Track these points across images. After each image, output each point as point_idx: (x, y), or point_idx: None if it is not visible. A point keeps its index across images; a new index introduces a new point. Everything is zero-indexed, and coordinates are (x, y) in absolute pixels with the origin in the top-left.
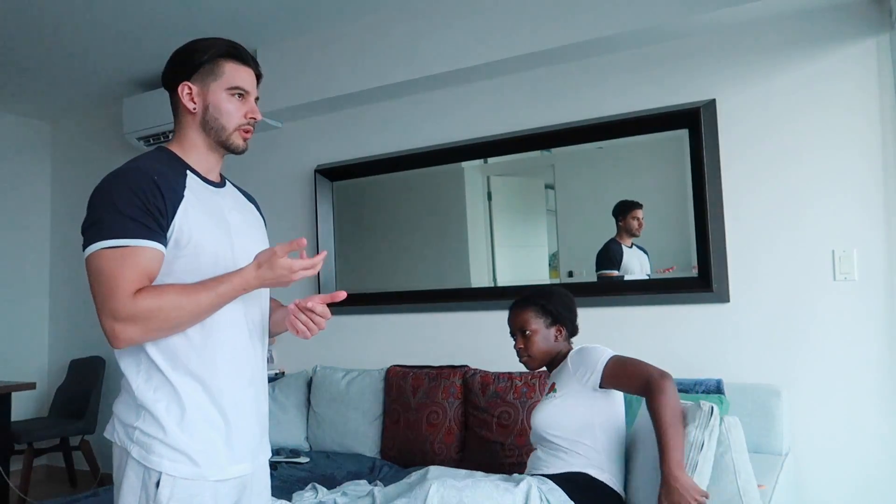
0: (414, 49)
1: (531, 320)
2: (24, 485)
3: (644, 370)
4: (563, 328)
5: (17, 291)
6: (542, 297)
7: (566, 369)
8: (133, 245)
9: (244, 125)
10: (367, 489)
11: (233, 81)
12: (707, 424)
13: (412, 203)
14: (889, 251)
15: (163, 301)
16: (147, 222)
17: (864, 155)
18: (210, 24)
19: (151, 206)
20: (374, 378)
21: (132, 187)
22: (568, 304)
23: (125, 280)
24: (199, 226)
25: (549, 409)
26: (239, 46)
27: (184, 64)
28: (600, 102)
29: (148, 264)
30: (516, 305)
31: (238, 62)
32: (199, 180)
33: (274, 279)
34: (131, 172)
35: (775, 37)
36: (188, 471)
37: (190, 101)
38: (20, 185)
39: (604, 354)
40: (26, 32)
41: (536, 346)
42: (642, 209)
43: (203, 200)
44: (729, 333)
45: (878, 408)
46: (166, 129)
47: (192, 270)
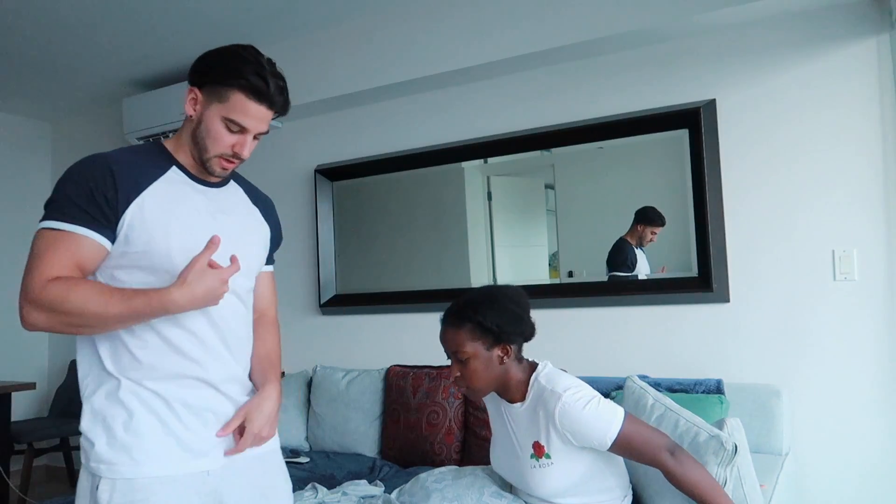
0: (414, 49)
1: (466, 343)
2: (24, 485)
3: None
4: (510, 346)
5: (17, 291)
6: (479, 311)
7: (552, 433)
8: (68, 230)
9: (227, 156)
10: (371, 490)
11: (232, 114)
12: (730, 462)
13: (412, 203)
14: (889, 251)
15: (71, 295)
16: (90, 210)
17: (865, 155)
18: (210, 24)
19: (98, 194)
20: (374, 378)
21: (84, 174)
22: (513, 312)
23: (46, 264)
24: (157, 222)
25: (550, 479)
26: (265, 78)
27: (201, 71)
28: (600, 102)
29: (79, 252)
30: (445, 322)
31: (250, 97)
32: (185, 177)
33: (205, 293)
34: (91, 160)
35: (775, 37)
36: (128, 471)
37: (191, 107)
38: (20, 186)
39: (610, 428)
40: (26, 32)
41: (476, 376)
42: (662, 228)
43: (177, 197)
44: (729, 333)
45: (877, 408)
46: (166, 129)
47: (143, 267)
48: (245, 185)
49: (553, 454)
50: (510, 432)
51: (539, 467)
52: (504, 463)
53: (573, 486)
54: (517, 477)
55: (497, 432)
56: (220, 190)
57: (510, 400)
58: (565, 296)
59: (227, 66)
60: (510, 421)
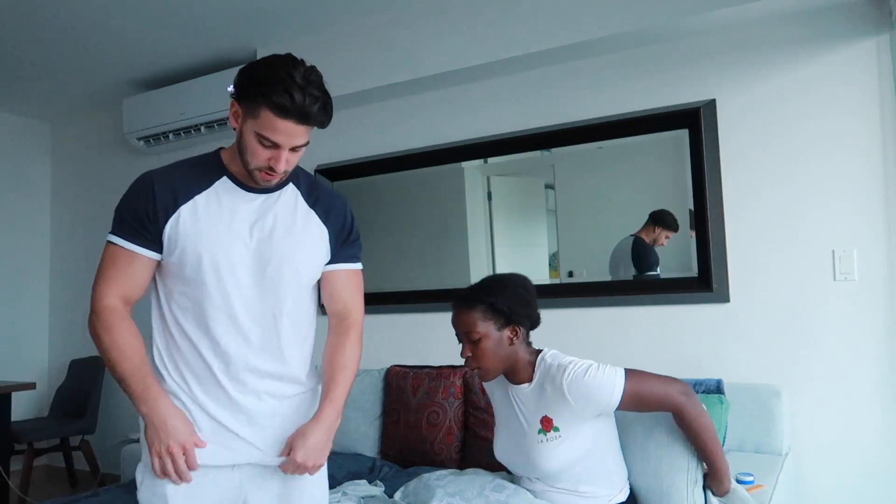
0: (414, 49)
1: (478, 323)
2: (24, 485)
3: (665, 393)
4: (520, 328)
5: (17, 291)
6: (490, 294)
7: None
8: (123, 246)
9: (265, 169)
10: (371, 490)
11: (263, 130)
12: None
13: (412, 203)
14: (889, 251)
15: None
16: (137, 227)
17: (864, 154)
18: (210, 25)
19: (141, 211)
20: (374, 378)
21: (133, 192)
22: (523, 296)
23: (109, 278)
24: (191, 234)
25: (556, 453)
26: (291, 93)
27: (238, 85)
28: (600, 102)
29: (132, 266)
30: (459, 304)
31: (277, 114)
32: (235, 185)
33: (158, 437)
34: (140, 178)
35: (775, 37)
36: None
37: (234, 120)
38: (20, 186)
39: (614, 387)
40: (26, 32)
41: (488, 356)
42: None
43: (219, 208)
44: (729, 333)
45: (878, 408)
46: (166, 129)
47: (179, 276)
48: (307, 184)
49: (561, 426)
50: (517, 413)
51: (546, 441)
52: (509, 446)
53: (578, 461)
54: (523, 457)
55: (502, 417)
56: (272, 195)
57: (518, 382)
58: (565, 296)
59: (257, 82)
60: (518, 402)
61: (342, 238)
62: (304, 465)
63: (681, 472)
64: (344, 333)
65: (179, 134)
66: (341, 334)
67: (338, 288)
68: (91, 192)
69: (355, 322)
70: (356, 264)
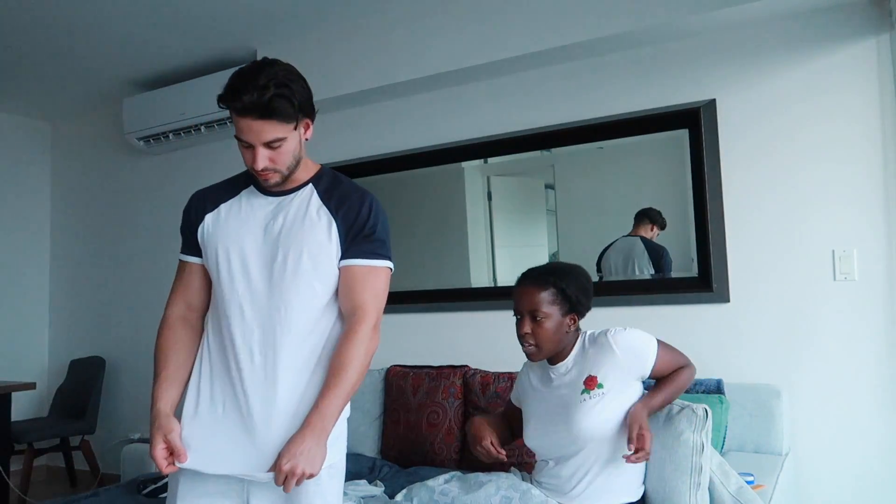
0: (414, 49)
1: (544, 304)
2: (24, 485)
3: (680, 360)
4: (578, 318)
5: (17, 291)
6: (563, 279)
7: (606, 360)
8: (182, 258)
9: (255, 170)
10: (371, 490)
11: (238, 133)
12: (703, 427)
13: (412, 203)
14: (889, 251)
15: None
16: (185, 240)
17: (865, 154)
18: (210, 25)
19: (185, 223)
20: (374, 378)
21: (184, 211)
22: (588, 290)
23: (174, 289)
24: (212, 239)
25: (597, 411)
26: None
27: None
28: (600, 102)
29: (184, 275)
30: (528, 281)
31: (238, 115)
32: (257, 192)
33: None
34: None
35: (775, 37)
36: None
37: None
38: (20, 186)
39: (651, 341)
40: (26, 33)
41: (546, 336)
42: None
43: (240, 213)
44: (729, 333)
45: (878, 408)
46: (166, 129)
47: (212, 279)
48: (327, 182)
49: (605, 382)
50: (557, 387)
51: (590, 398)
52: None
53: (615, 426)
54: (562, 426)
55: (537, 400)
56: (288, 197)
57: (557, 361)
58: None
59: (223, 92)
60: (557, 377)
61: (355, 231)
62: (291, 474)
63: (684, 474)
64: (346, 332)
65: (179, 134)
66: (344, 335)
67: (348, 284)
68: (91, 191)
69: (360, 319)
70: (373, 261)
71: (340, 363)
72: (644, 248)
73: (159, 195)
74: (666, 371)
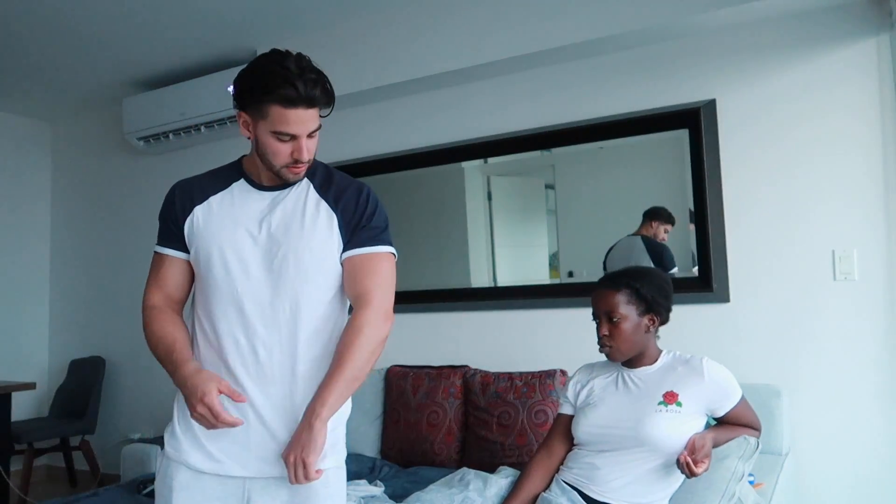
0: (414, 49)
1: (620, 305)
2: (24, 485)
3: (755, 421)
4: (657, 318)
5: (17, 291)
6: (637, 280)
7: (691, 382)
8: (158, 251)
9: (291, 164)
10: (371, 490)
11: (277, 126)
12: (750, 457)
13: (412, 203)
14: (889, 251)
15: (145, 331)
16: (167, 232)
17: (865, 154)
18: (210, 24)
19: (170, 215)
20: (374, 378)
21: (163, 202)
22: (666, 290)
23: (149, 281)
24: (203, 232)
25: (671, 426)
26: (292, 82)
27: (238, 93)
28: (600, 102)
29: (163, 268)
30: (605, 285)
31: (286, 106)
32: (250, 186)
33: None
34: (172, 186)
35: (775, 37)
36: (169, 450)
37: (245, 129)
38: (20, 186)
39: (737, 389)
40: (26, 33)
41: (624, 337)
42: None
43: (233, 207)
44: (729, 333)
45: (878, 408)
46: (166, 129)
47: (197, 275)
48: (322, 175)
49: (685, 402)
50: (631, 390)
51: (666, 411)
52: (612, 414)
53: (678, 441)
54: (631, 422)
55: (602, 397)
56: (286, 191)
57: (638, 365)
58: (565, 296)
59: (257, 84)
60: (634, 381)
61: (356, 221)
62: (300, 463)
63: (715, 496)
64: (350, 320)
65: (179, 134)
66: (348, 322)
67: (353, 274)
68: (91, 191)
69: (363, 304)
70: (377, 247)
71: (341, 350)
72: (644, 247)
73: (159, 195)
74: (736, 421)
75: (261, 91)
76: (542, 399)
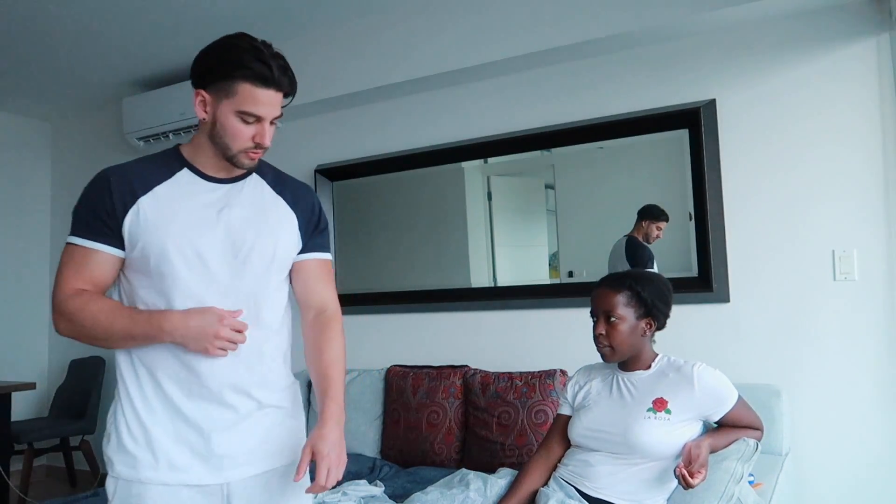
0: (414, 49)
1: (619, 306)
2: (24, 485)
3: (754, 421)
4: (654, 322)
5: (17, 291)
6: (639, 282)
7: (682, 390)
8: (81, 244)
9: (251, 148)
10: (371, 490)
11: (244, 106)
12: (749, 459)
13: (412, 203)
14: (889, 251)
15: (86, 308)
16: (95, 224)
17: (865, 155)
18: (210, 25)
19: (100, 208)
20: (374, 378)
21: (89, 190)
22: (666, 295)
23: (68, 276)
24: (154, 224)
25: (659, 433)
26: (266, 62)
27: (201, 70)
28: (600, 102)
29: (92, 264)
30: (606, 284)
31: (257, 84)
32: (196, 177)
33: (198, 330)
34: (96, 175)
35: (775, 37)
36: (126, 472)
37: (202, 110)
38: (20, 185)
39: (733, 392)
40: (27, 33)
41: (620, 338)
42: (667, 224)
43: (181, 198)
44: (729, 333)
45: (878, 408)
46: (166, 129)
47: (145, 270)
48: (272, 174)
49: (674, 410)
50: (624, 394)
51: (654, 418)
52: (602, 418)
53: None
54: (619, 427)
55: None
56: (237, 185)
57: (632, 369)
58: (565, 296)
59: (227, 60)
60: (627, 385)
61: (312, 225)
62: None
63: (714, 498)
64: (327, 327)
65: (179, 134)
66: (325, 328)
67: (313, 279)
68: None
69: (336, 313)
70: (327, 254)
71: (335, 357)
72: (624, 249)
73: None
74: (735, 424)
75: (232, 66)
76: (542, 399)
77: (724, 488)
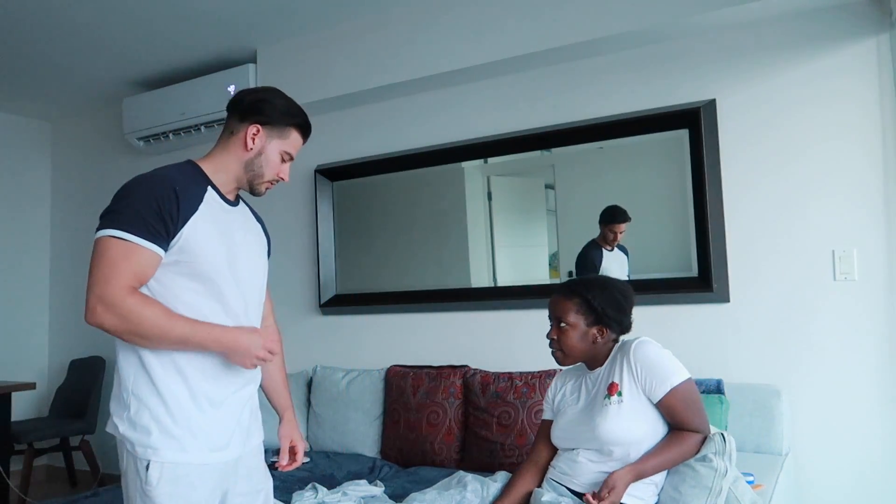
0: (414, 49)
1: (570, 313)
2: (24, 485)
3: (695, 420)
4: (607, 329)
5: (17, 291)
6: (590, 291)
7: (625, 369)
8: (137, 243)
9: (274, 180)
10: (371, 490)
11: (290, 149)
12: (725, 451)
13: (412, 203)
14: (889, 251)
15: (146, 311)
16: (156, 226)
17: (865, 155)
18: (210, 24)
19: (165, 211)
20: (374, 378)
21: (153, 191)
22: (619, 302)
23: (122, 272)
24: (206, 237)
25: (617, 418)
26: (308, 122)
27: (269, 111)
28: (600, 102)
29: (144, 264)
30: (559, 292)
31: (302, 135)
32: (217, 197)
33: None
34: (157, 178)
35: (775, 37)
36: (174, 456)
37: (251, 140)
38: (20, 186)
39: (675, 374)
40: (27, 33)
41: (570, 343)
42: (627, 224)
43: (215, 215)
44: (729, 333)
45: (877, 408)
46: (166, 129)
47: (188, 274)
48: (247, 203)
49: (624, 392)
50: (589, 392)
51: (610, 404)
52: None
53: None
54: (588, 426)
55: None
56: (235, 209)
57: (594, 367)
58: None
59: (287, 111)
60: (590, 383)
61: (268, 252)
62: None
63: (703, 492)
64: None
65: (179, 134)
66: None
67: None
68: (91, 192)
69: (276, 326)
70: None
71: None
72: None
73: None
74: (676, 414)
75: (290, 116)
76: (542, 399)
77: (712, 483)
